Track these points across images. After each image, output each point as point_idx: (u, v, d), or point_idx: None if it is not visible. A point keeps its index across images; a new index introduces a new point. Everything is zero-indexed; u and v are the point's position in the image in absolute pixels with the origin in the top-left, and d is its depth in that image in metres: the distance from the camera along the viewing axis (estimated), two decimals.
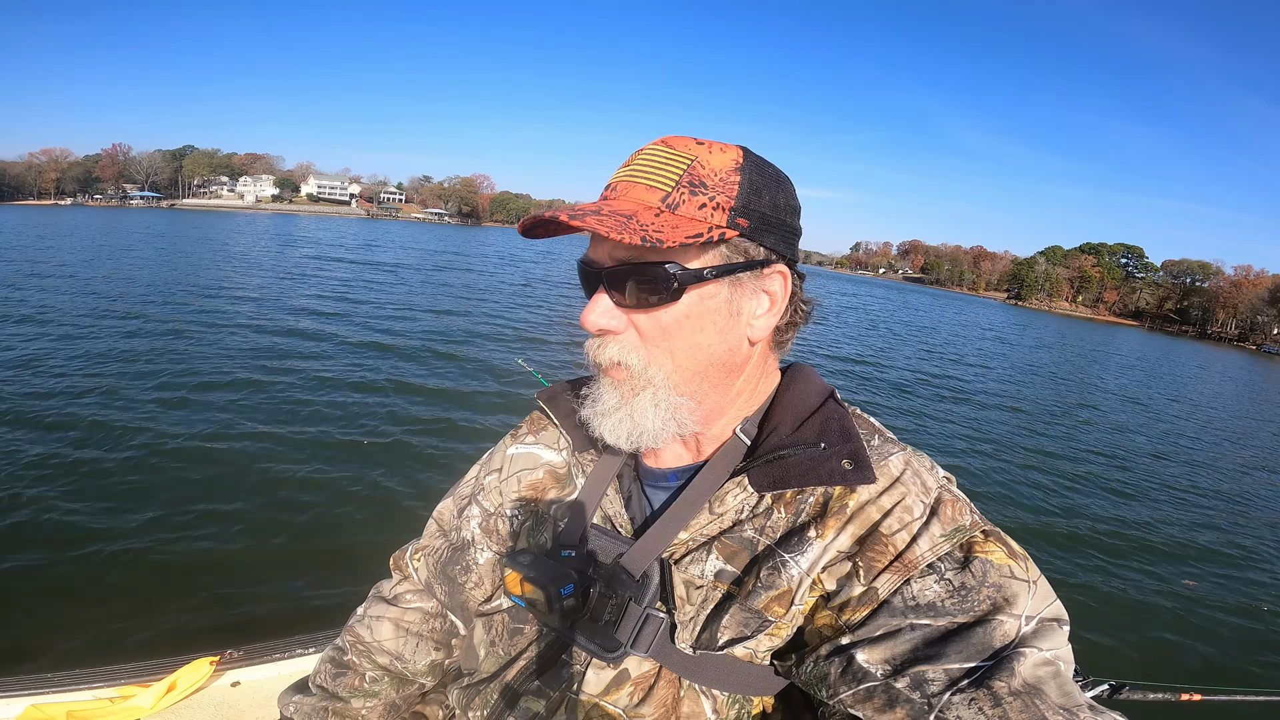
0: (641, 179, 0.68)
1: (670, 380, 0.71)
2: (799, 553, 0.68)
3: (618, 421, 0.72)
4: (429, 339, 12.25)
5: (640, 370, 0.70)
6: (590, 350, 0.73)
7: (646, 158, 0.69)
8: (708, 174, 0.67)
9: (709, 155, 0.68)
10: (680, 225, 0.65)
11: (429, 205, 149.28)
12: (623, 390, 0.71)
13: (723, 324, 0.70)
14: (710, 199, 0.67)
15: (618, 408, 0.72)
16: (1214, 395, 24.07)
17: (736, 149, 0.70)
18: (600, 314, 0.69)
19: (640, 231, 0.63)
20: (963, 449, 9.25)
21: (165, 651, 1.65)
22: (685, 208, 0.66)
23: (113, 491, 4.92)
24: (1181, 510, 8.01)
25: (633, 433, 0.71)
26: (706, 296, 0.69)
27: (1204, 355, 56.85)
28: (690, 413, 0.72)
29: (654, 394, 0.71)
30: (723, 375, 0.74)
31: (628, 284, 0.68)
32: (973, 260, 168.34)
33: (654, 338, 0.69)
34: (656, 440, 0.72)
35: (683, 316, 0.68)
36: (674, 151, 0.69)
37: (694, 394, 0.72)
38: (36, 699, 1.46)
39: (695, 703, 0.71)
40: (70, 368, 8.17)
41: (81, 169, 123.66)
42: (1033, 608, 0.61)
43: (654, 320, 0.68)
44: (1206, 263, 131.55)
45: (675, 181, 0.67)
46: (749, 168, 0.69)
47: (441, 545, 0.99)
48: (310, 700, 0.97)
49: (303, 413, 7.12)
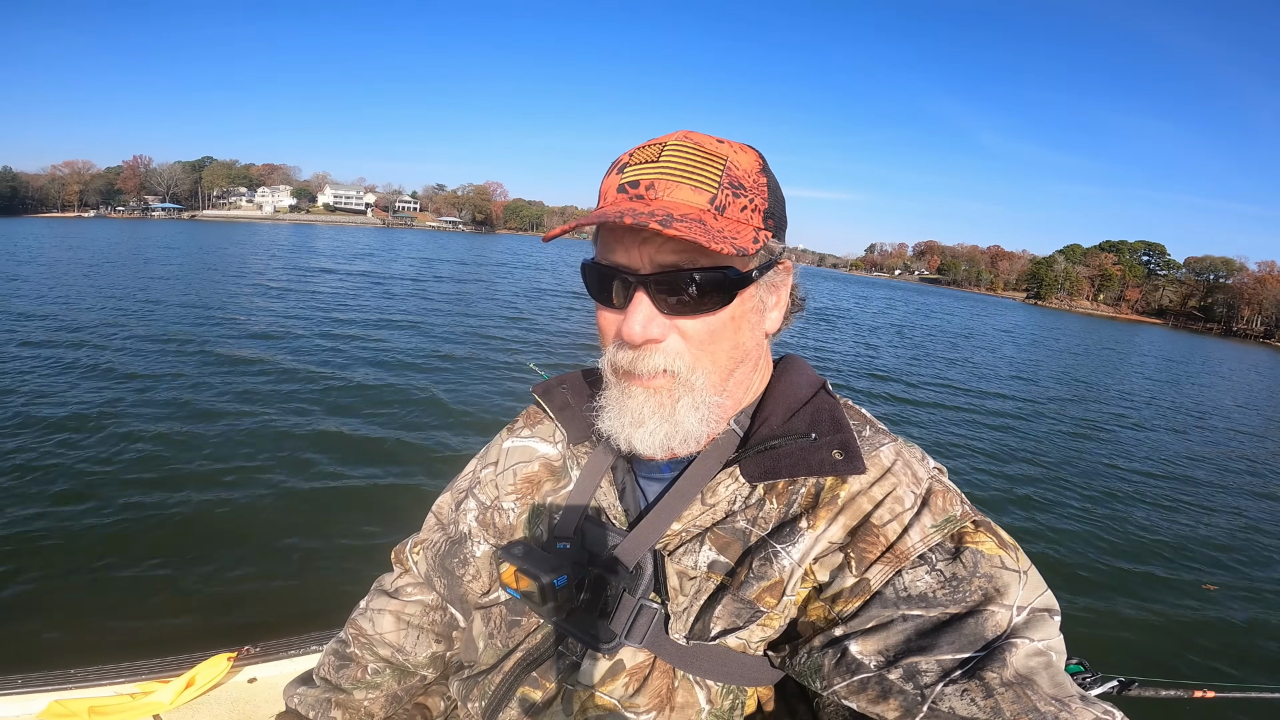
0: (684, 179, 0.66)
1: (709, 381, 0.70)
2: (791, 543, 0.68)
3: (654, 429, 0.70)
4: (438, 342, 12.35)
5: (686, 376, 0.69)
6: (626, 361, 0.69)
7: (678, 155, 0.67)
8: (743, 175, 0.68)
9: (736, 156, 0.68)
10: (740, 229, 0.65)
11: (443, 213, 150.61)
12: (661, 397, 0.69)
13: (755, 321, 0.72)
14: (750, 201, 0.68)
15: (654, 415, 0.70)
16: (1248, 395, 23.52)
17: (754, 150, 0.71)
18: (646, 323, 0.66)
19: (724, 238, 0.62)
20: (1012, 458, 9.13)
21: (184, 648, 1.67)
22: (731, 210, 0.66)
23: (134, 492, 5.02)
24: (1208, 509, 7.85)
25: (671, 437, 0.70)
26: (748, 298, 0.70)
27: (1229, 353, 55.63)
28: (722, 410, 0.73)
29: (694, 398, 0.69)
30: (748, 370, 0.75)
31: (678, 290, 0.65)
32: (990, 260, 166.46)
33: (702, 342, 0.68)
34: (692, 443, 0.71)
35: (729, 319, 0.68)
36: (705, 151, 0.68)
37: (726, 392, 0.73)
38: (60, 694, 1.49)
39: (689, 693, 0.71)
40: (94, 372, 8.33)
41: (103, 181, 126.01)
42: (1024, 598, 0.61)
43: (704, 325, 0.67)
44: (1230, 259, 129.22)
45: (718, 183, 0.66)
46: (768, 170, 0.71)
47: (440, 539, 1.00)
48: (314, 692, 0.98)
49: (316, 413, 7.21)
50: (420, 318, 15.29)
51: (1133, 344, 44.43)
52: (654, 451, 0.71)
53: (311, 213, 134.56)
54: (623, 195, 0.68)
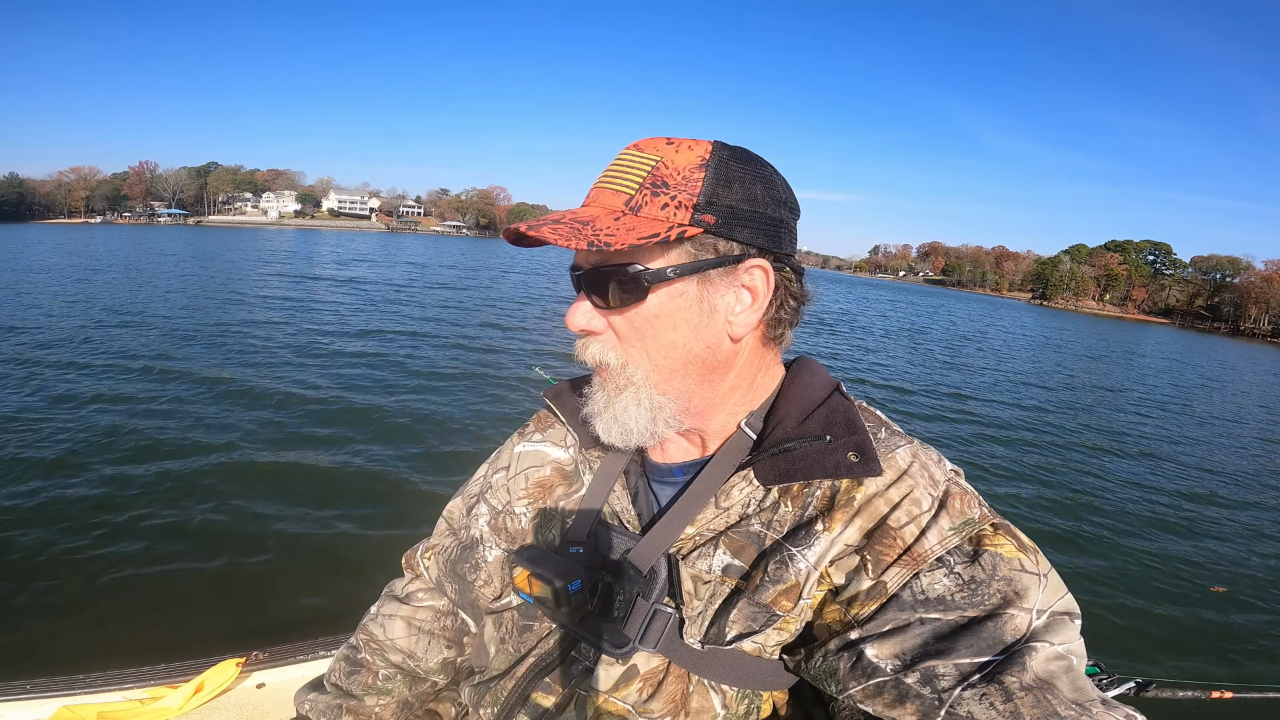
0: (609, 184, 0.69)
1: (650, 379, 0.71)
2: (806, 546, 0.67)
3: (608, 421, 0.74)
4: (446, 346, 12.36)
5: (619, 369, 0.72)
6: (576, 350, 0.75)
7: (618, 163, 0.70)
8: (670, 173, 0.67)
9: (675, 154, 0.68)
10: (637, 227, 0.65)
11: (447, 218, 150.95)
12: (608, 390, 0.73)
13: (696, 322, 0.70)
14: (672, 198, 0.66)
15: (606, 407, 0.74)
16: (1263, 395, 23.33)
17: (706, 144, 0.69)
18: (580, 315, 0.72)
19: (590, 237, 0.64)
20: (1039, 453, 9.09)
21: (193, 654, 1.67)
22: (648, 209, 0.66)
23: (141, 497, 5.03)
24: (1224, 511, 7.79)
25: (622, 432, 0.73)
26: (675, 295, 0.68)
27: (1238, 353, 55.24)
28: (675, 411, 0.73)
29: (635, 393, 0.72)
30: (705, 373, 0.73)
31: (599, 286, 0.69)
32: (995, 261, 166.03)
33: (629, 337, 0.71)
34: (646, 439, 0.73)
35: (653, 316, 0.69)
36: (642, 154, 0.69)
37: (676, 392, 0.72)
38: (69, 700, 1.49)
39: (704, 698, 0.70)
40: (98, 377, 8.37)
41: (110, 187, 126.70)
42: (1044, 601, 0.60)
43: (627, 320, 0.70)
44: (1236, 258, 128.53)
45: (639, 184, 0.67)
46: (716, 163, 0.68)
47: (451, 544, 1.00)
48: (325, 698, 0.98)
49: (322, 419, 7.22)
50: (425, 323, 15.31)
51: (1142, 345, 44.12)
52: (614, 440, 0.74)
53: (316, 218, 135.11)
54: (581, 206, 0.73)
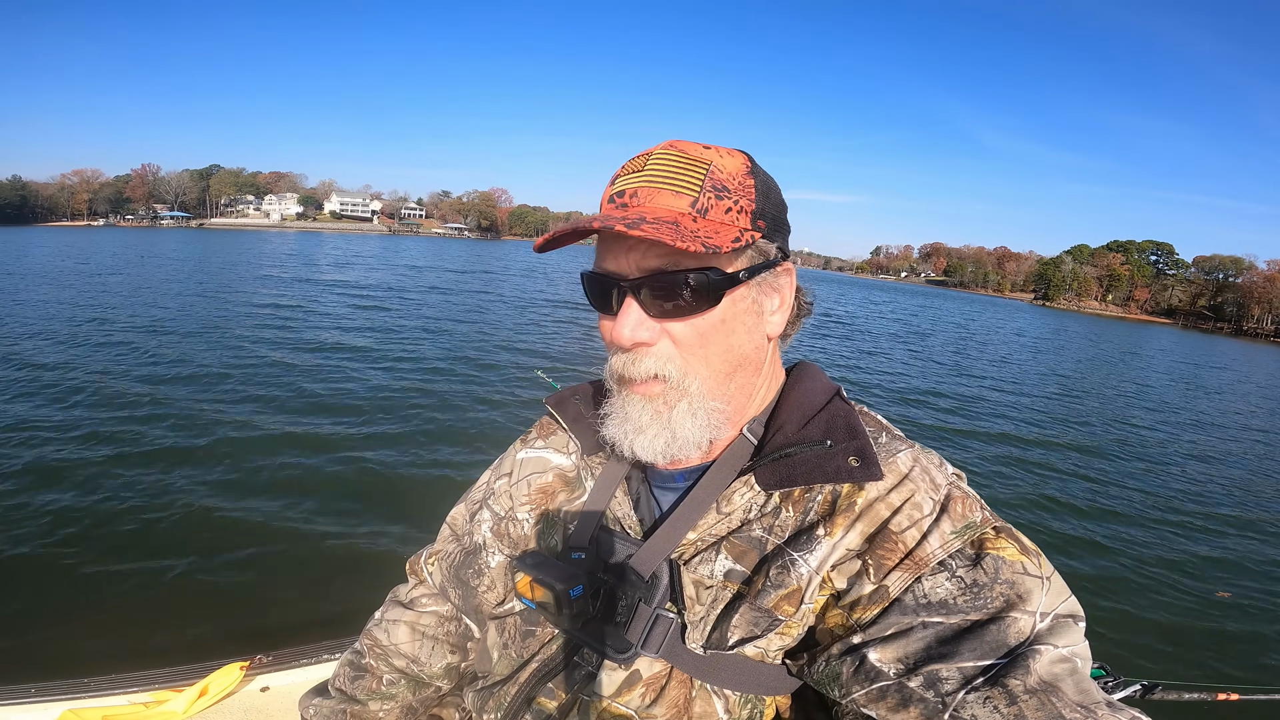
0: (665, 185, 0.67)
1: (705, 386, 0.70)
2: (808, 551, 0.67)
3: (654, 436, 0.70)
4: (449, 352, 12.37)
5: (678, 381, 0.69)
6: (620, 365, 0.70)
7: (662, 163, 0.68)
8: (727, 178, 0.68)
9: (721, 160, 0.69)
10: (720, 230, 0.66)
11: (449, 220, 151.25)
12: (657, 404, 0.70)
13: (751, 324, 0.71)
14: (735, 203, 0.68)
15: (653, 422, 0.70)
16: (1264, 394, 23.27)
17: (742, 154, 0.71)
18: (634, 326, 0.67)
19: (696, 238, 0.62)
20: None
21: (197, 657, 1.68)
22: (714, 212, 0.67)
23: (146, 502, 5.04)
24: (1231, 515, 7.77)
25: (671, 444, 0.70)
26: (739, 299, 0.69)
27: (1243, 353, 55.02)
28: (723, 416, 0.72)
29: (690, 403, 0.69)
30: (749, 375, 0.74)
31: (664, 293, 0.66)
32: (997, 261, 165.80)
33: (691, 345, 0.68)
34: (694, 450, 0.71)
35: (719, 321, 0.68)
36: (689, 156, 0.68)
37: (725, 397, 0.72)
38: (73, 703, 1.50)
39: (707, 703, 0.70)
40: (102, 382, 8.39)
41: (112, 189, 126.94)
42: (1047, 604, 0.60)
43: (692, 328, 0.68)
44: (1239, 258, 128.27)
45: (700, 186, 0.67)
46: (757, 171, 0.71)
47: (454, 549, 1.00)
48: (329, 703, 0.98)
49: (326, 426, 7.23)
50: (426, 329, 15.31)
51: (1145, 346, 43.93)
52: (656, 458, 0.71)
53: (318, 220, 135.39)
54: (611, 205, 0.70)
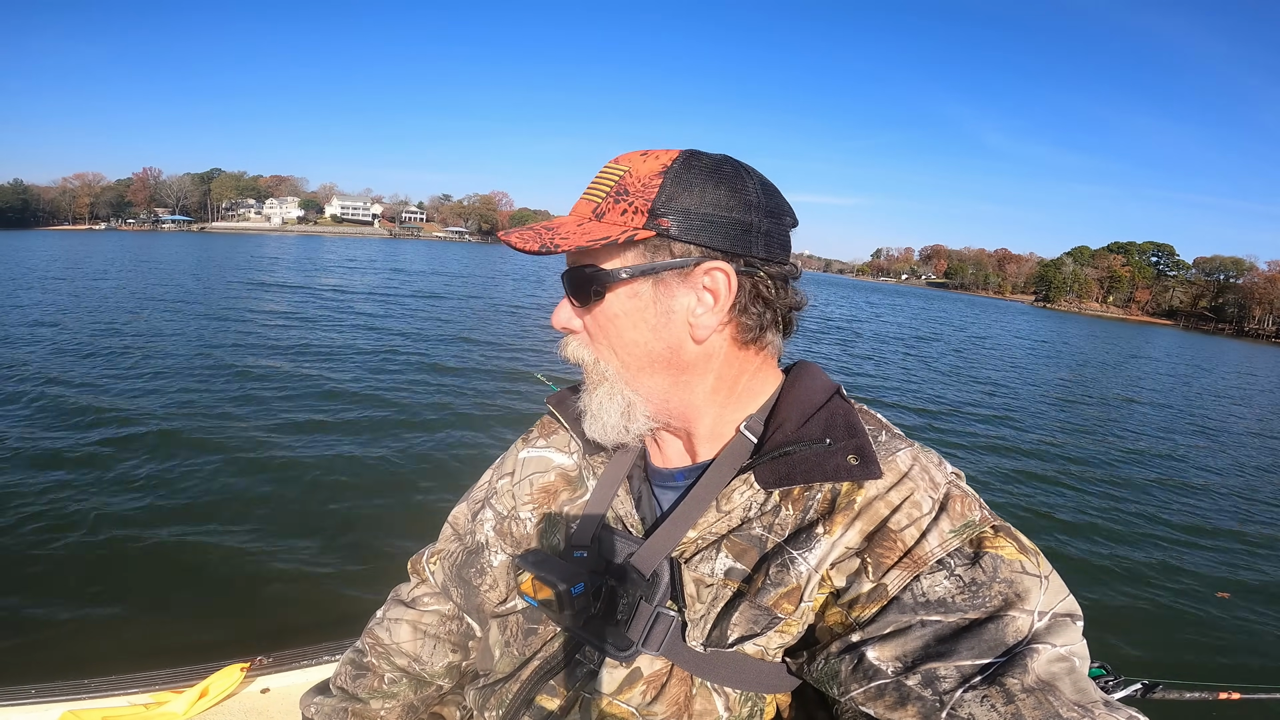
0: (587, 195, 0.74)
1: (620, 375, 0.75)
2: (807, 549, 0.68)
3: (591, 416, 0.77)
4: (448, 353, 12.42)
5: (593, 365, 0.76)
6: (559, 348, 0.79)
7: (598, 175, 0.75)
8: (632, 181, 0.71)
9: (642, 164, 0.71)
10: (593, 231, 0.70)
11: (449, 224, 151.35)
12: (590, 385, 0.77)
13: (654, 322, 0.71)
14: (630, 204, 0.70)
15: (590, 403, 0.77)
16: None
17: (674, 153, 0.71)
18: (561, 314, 0.77)
19: (545, 240, 0.69)
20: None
21: (198, 658, 1.69)
22: (610, 215, 0.71)
23: (147, 502, 5.05)
24: (1235, 515, 7.77)
25: (600, 427, 0.76)
26: (630, 295, 0.71)
27: (1247, 354, 54.99)
28: (650, 410, 0.76)
29: (609, 388, 0.75)
30: (675, 373, 0.74)
31: (570, 286, 0.74)
32: (997, 263, 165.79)
33: (597, 335, 0.75)
34: (618, 434, 0.76)
35: (613, 314, 0.72)
36: (616, 166, 0.73)
37: (647, 391, 0.75)
38: (73, 704, 1.50)
39: (708, 700, 0.71)
40: (108, 385, 8.41)
41: (114, 193, 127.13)
42: (1045, 603, 0.60)
43: (594, 319, 0.74)
44: (1240, 258, 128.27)
45: (606, 193, 0.72)
46: (678, 170, 0.69)
47: (456, 549, 1.00)
48: (331, 701, 0.99)
49: (328, 425, 7.25)
50: (427, 331, 15.37)
51: (1147, 347, 43.92)
52: (596, 437, 0.78)
53: (319, 224, 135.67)
54: None
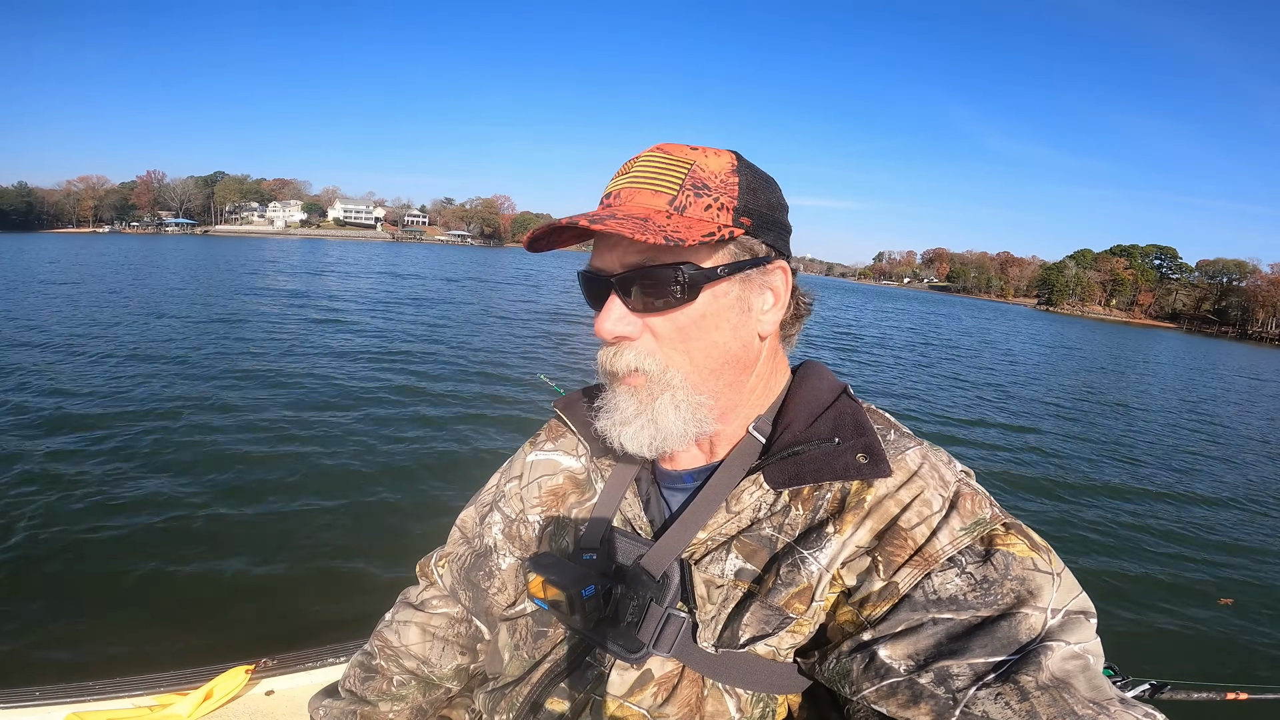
0: (645, 185, 0.70)
1: (689, 381, 0.71)
2: (818, 549, 0.68)
3: (639, 429, 0.72)
4: (453, 357, 12.40)
5: (659, 374, 0.71)
6: (605, 359, 0.73)
7: (646, 165, 0.71)
8: (708, 176, 0.69)
9: (705, 159, 0.70)
10: (693, 226, 0.67)
11: (451, 227, 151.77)
12: (640, 396, 0.72)
13: (736, 321, 0.72)
14: (715, 200, 0.69)
15: (637, 415, 0.72)
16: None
17: (729, 153, 0.72)
18: (615, 321, 0.70)
19: (660, 232, 0.64)
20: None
21: (202, 661, 1.68)
22: (692, 209, 0.68)
23: (151, 506, 5.04)
24: (1241, 517, 7.73)
25: (655, 438, 0.72)
26: (720, 295, 0.70)
27: (1248, 356, 54.79)
28: (709, 411, 0.73)
29: (673, 396, 0.71)
30: (738, 372, 0.74)
31: (642, 287, 0.68)
32: (1000, 266, 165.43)
33: (671, 339, 0.70)
34: (679, 443, 0.72)
35: (699, 316, 0.69)
36: (672, 157, 0.70)
37: (712, 392, 0.73)
38: (78, 707, 1.50)
39: (719, 701, 0.70)
40: (110, 387, 8.42)
41: (118, 196, 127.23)
42: (1058, 600, 0.60)
43: (670, 322, 0.69)
44: (1243, 261, 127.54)
45: (679, 185, 0.69)
46: (744, 170, 0.71)
47: (465, 552, 1.00)
48: (339, 704, 0.98)
49: (333, 428, 7.24)
50: (433, 335, 15.34)
51: (1150, 351, 43.70)
52: (641, 450, 0.73)
53: (322, 227, 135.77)
54: (600, 207, 0.73)
